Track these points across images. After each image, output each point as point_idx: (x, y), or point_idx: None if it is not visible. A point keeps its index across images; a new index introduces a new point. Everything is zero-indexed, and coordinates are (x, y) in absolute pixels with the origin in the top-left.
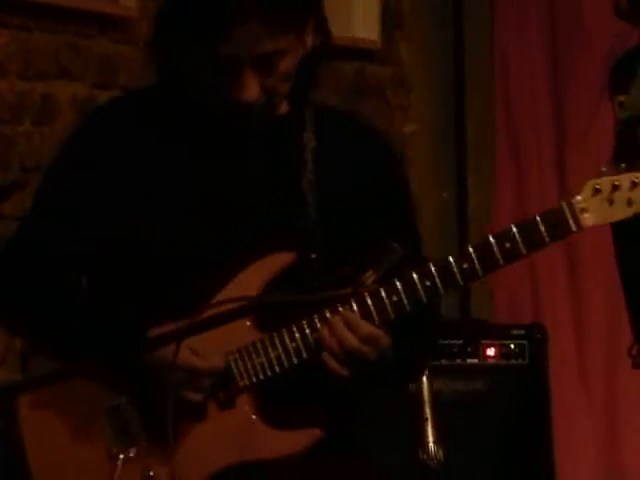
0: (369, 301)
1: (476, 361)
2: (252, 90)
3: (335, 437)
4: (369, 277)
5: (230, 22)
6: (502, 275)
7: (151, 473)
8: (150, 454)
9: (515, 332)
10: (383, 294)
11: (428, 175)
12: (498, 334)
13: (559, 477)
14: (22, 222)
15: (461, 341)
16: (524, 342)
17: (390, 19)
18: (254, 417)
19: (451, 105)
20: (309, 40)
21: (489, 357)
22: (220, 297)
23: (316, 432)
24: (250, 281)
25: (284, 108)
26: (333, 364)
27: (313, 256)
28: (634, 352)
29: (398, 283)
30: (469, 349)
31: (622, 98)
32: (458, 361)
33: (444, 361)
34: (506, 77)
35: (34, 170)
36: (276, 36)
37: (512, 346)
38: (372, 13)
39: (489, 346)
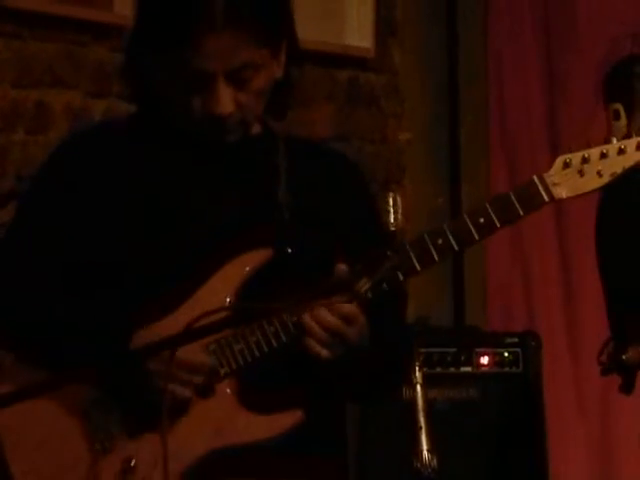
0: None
1: (470, 369)
2: (226, 104)
3: (314, 432)
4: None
5: (201, 34)
6: (496, 283)
7: (132, 464)
8: (131, 445)
9: (509, 340)
10: None
11: (422, 182)
12: (492, 342)
13: None
14: (2, 235)
15: (455, 349)
16: (518, 350)
17: (384, 27)
18: (235, 402)
19: (445, 112)
20: (282, 59)
21: (483, 365)
22: (200, 295)
23: (297, 414)
24: (228, 278)
25: (256, 129)
26: (315, 347)
27: (289, 251)
28: (603, 359)
29: None
30: (463, 357)
31: (617, 106)
32: (452, 369)
33: (438, 369)
34: (500, 84)
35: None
36: (248, 47)
37: (506, 354)
38: (366, 21)
39: (483, 354)
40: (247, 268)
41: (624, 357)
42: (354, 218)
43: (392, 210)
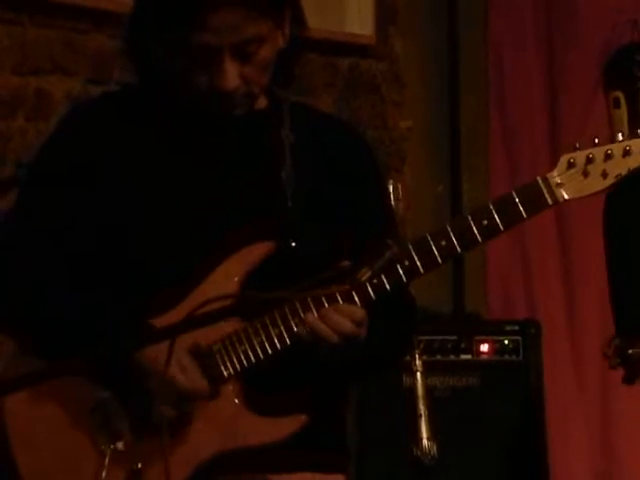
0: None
1: (470, 357)
2: (232, 78)
3: (318, 429)
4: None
5: (206, 9)
6: (496, 271)
7: (139, 466)
8: (137, 448)
9: (509, 328)
10: None
11: (423, 170)
12: (492, 330)
13: (553, 472)
14: (5, 220)
15: (455, 337)
16: (518, 338)
17: (384, 15)
18: (240, 405)
19: (445, 101)
20: (286, 30)
21: (483, 353)
22: (203, 289)
23: (301, 418)
24: (231, 272)
25: (262, 104)
26: (328, 352)
27: (293, 244)
28: (609, 353)
29: None
30: (463, 345)
31: (617, 94)
32: (452, 357)
33: (438, 357)
34: (500, 72)
35: None
36: (253, 22)
37: (506, 342)
38: (366, 9)
39: (483, 342)
40: (249, 262)
41: (630, 351)
42: (362, 198)
43: (393, 198)
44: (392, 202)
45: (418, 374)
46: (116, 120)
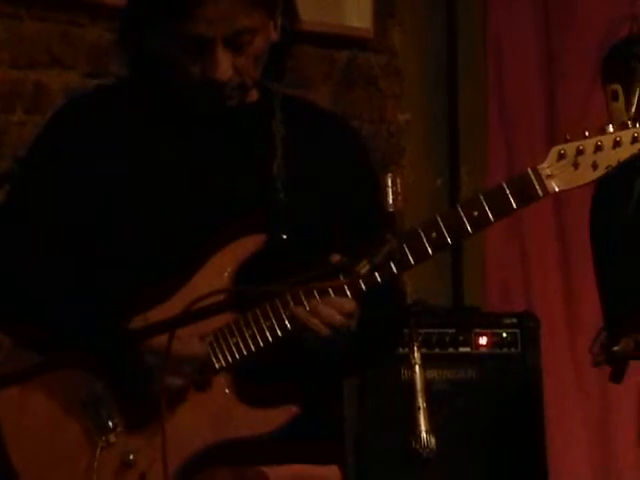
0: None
1: (468, 350)
2: (225, 69)
3: (310, 419)
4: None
5: (199, 1)
6: (494, 264)
7: (131, 457)
8: (129, 439)
9: (507, 321)
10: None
11: (421, 163)
12: (490, 323)
13: (551, 465)
14: None
15: (453, 330)
16: (516, 331)
17: (383, 7)
18: (231, 396)
19: (444, 94)
20: (279, 22)
21: (481, 346)
22: (194, 282)
23: (292, 409)
24: (223, 264)
25: (254, 97)
26: (318, 344)
27: (284, 237)
28: (595, 350)
29: None
30: (461, 338)
31: (615, 87)
32: (450, 350)
33: (436, 350)
34: (499, 65)
35: None
36: (246, 12)
37: (504, 335)
38: (365, 2)
39: (481, 335)
40: (240, 255)
41: (615, 349)
42: (353, 192)
43: (391, 191)
44: (388, 197)
45: (417, 367)
46: (109, 113)
